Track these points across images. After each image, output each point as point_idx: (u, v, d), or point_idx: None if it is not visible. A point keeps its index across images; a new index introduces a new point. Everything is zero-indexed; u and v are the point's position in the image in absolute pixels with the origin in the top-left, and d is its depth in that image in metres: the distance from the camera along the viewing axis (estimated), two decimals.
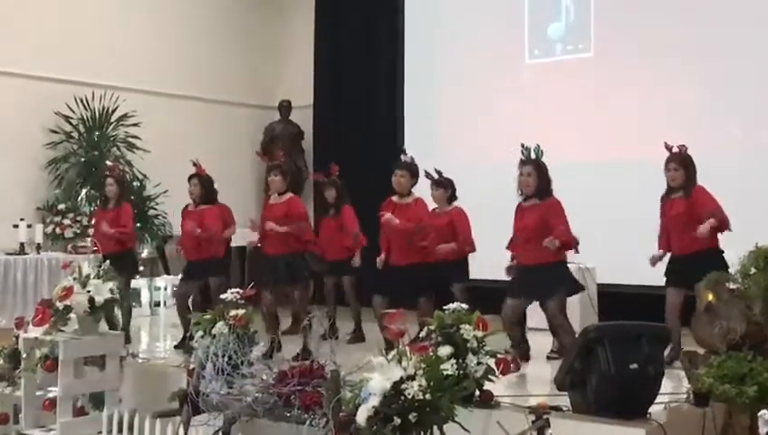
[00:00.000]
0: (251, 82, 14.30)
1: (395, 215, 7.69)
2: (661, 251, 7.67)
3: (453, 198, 8.91)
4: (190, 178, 9.06)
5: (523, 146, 7.45)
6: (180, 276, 9.43)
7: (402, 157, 7.96)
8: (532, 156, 7.45)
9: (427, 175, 8.71)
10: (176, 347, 8.54)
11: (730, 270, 6.51)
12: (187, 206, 9.23)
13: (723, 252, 7.31)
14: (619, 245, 10.07)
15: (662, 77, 10.70)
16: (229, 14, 14.10)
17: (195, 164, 9.07)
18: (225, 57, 13.91)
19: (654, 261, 7.66)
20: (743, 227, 7.44)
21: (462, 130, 12.19)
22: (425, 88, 12.91)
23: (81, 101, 11.98)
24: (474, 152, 11.89)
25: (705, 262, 6.85)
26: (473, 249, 8.70)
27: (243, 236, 12.38)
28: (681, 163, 7.53)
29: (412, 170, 7.88)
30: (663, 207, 7.69)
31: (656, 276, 7.84)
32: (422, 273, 7.73)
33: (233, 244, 11.98)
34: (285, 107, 14.24)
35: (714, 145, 10.17)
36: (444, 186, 8.86)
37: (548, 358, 7.84)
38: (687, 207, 7.42)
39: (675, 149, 7.60)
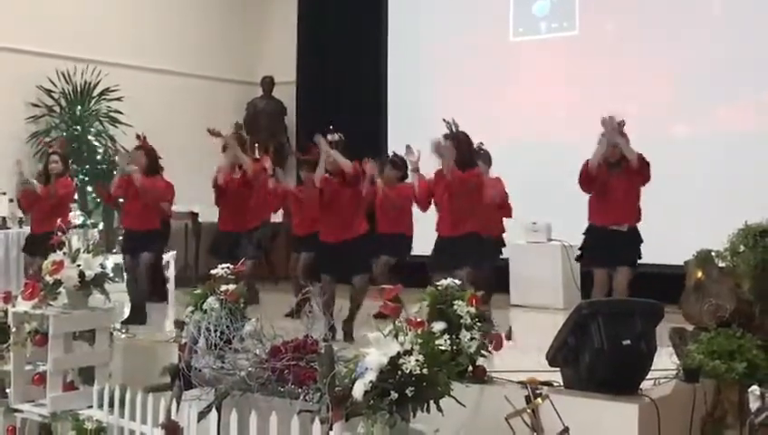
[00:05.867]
0: (234, 57, 14.23)
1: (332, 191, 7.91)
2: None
3: (404, 177, 9.18)
4: (135, 149, 9.10)
5: (444, 120, 7.47)
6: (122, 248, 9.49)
7: (329, 136, 8.09)
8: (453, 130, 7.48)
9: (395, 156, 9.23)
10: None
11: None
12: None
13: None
14: None
15: (647, 56, 10.75)
16: None
17: (138, 137, 9.06)
18: (209, 32, 13.83)
19: None
20: (729, 207, 7.50)
21: (446, 108, 12.07)
22: (409, 65, 12.90)
23: (63, 74, 11.89)
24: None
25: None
26: None
27: None
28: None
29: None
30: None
31: None
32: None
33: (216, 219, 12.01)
34: (268, 83, 14.19)
35: (699, 123, 10.27)
36: (399, 167, 9.20)
37: None
38: (625, 181, 7.68)
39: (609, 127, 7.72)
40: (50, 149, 9.71)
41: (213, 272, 5.99)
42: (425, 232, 8.41)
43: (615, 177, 7.72)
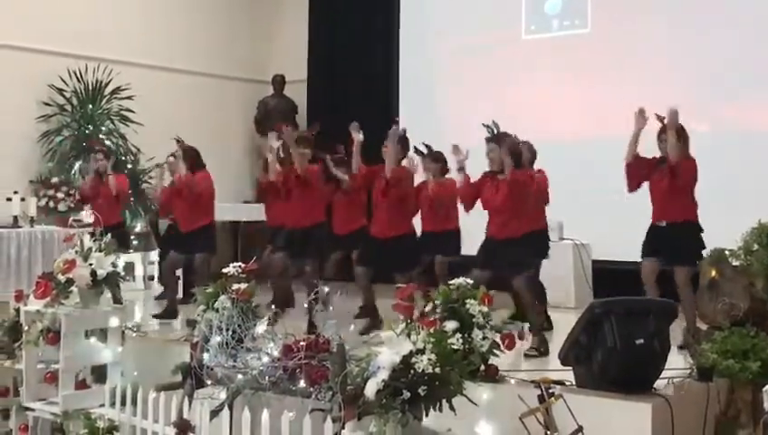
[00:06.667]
0: (244, 55, 14.21)
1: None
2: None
3: (446, 170, 8.94)
4: (178, 152, 9.06)
5: (485, 124, 7.36)
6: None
7: (394, 129, 7.98)
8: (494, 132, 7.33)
9: (417, 151, 8.80)
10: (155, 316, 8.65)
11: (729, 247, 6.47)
12: (172, 182, 9.26)
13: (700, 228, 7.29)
14: (614, 220, 10.08)
15: (659, 53, 10.70)
16: None
17: (178, 141, 9.07)
18: (219, 31, 13.82)
19: None
20: (742, 206, 7.44)
21: (457, 106, 12.15)
22: (421, 63, 12.87)
23: (75, 73, 11.88)
24: (469, 128, 11.81)
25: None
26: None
27: (234, 211, 12.38)
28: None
29: (404, 143, 8.08)
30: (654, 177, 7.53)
31: None
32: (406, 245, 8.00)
33: (227, 218, 12.04)
34: (279, 81, 14.15)
35: (710, 122, 10.21)
36: (440, 159, 8.96)
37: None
38: (663, 178, 7.33)
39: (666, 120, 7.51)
40: (95, 147, 10.00)
41: (224, 270, 5.98)
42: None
43: (658, 173, 7.41)
